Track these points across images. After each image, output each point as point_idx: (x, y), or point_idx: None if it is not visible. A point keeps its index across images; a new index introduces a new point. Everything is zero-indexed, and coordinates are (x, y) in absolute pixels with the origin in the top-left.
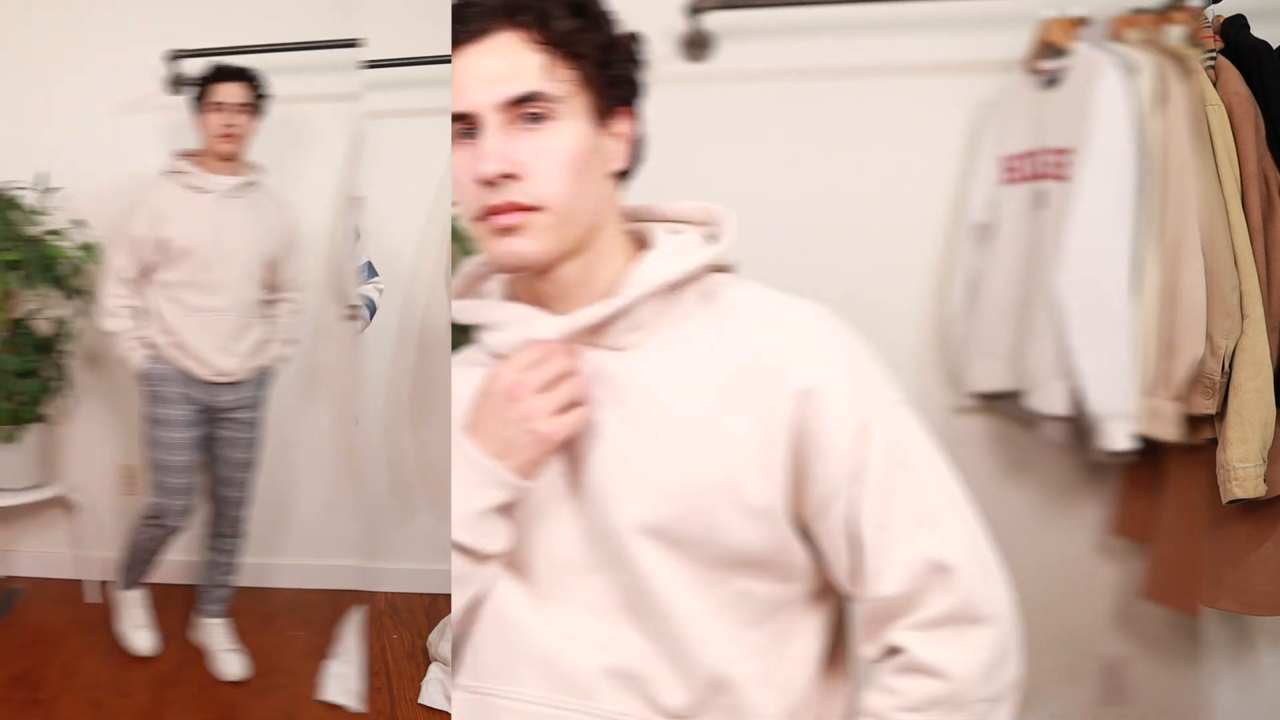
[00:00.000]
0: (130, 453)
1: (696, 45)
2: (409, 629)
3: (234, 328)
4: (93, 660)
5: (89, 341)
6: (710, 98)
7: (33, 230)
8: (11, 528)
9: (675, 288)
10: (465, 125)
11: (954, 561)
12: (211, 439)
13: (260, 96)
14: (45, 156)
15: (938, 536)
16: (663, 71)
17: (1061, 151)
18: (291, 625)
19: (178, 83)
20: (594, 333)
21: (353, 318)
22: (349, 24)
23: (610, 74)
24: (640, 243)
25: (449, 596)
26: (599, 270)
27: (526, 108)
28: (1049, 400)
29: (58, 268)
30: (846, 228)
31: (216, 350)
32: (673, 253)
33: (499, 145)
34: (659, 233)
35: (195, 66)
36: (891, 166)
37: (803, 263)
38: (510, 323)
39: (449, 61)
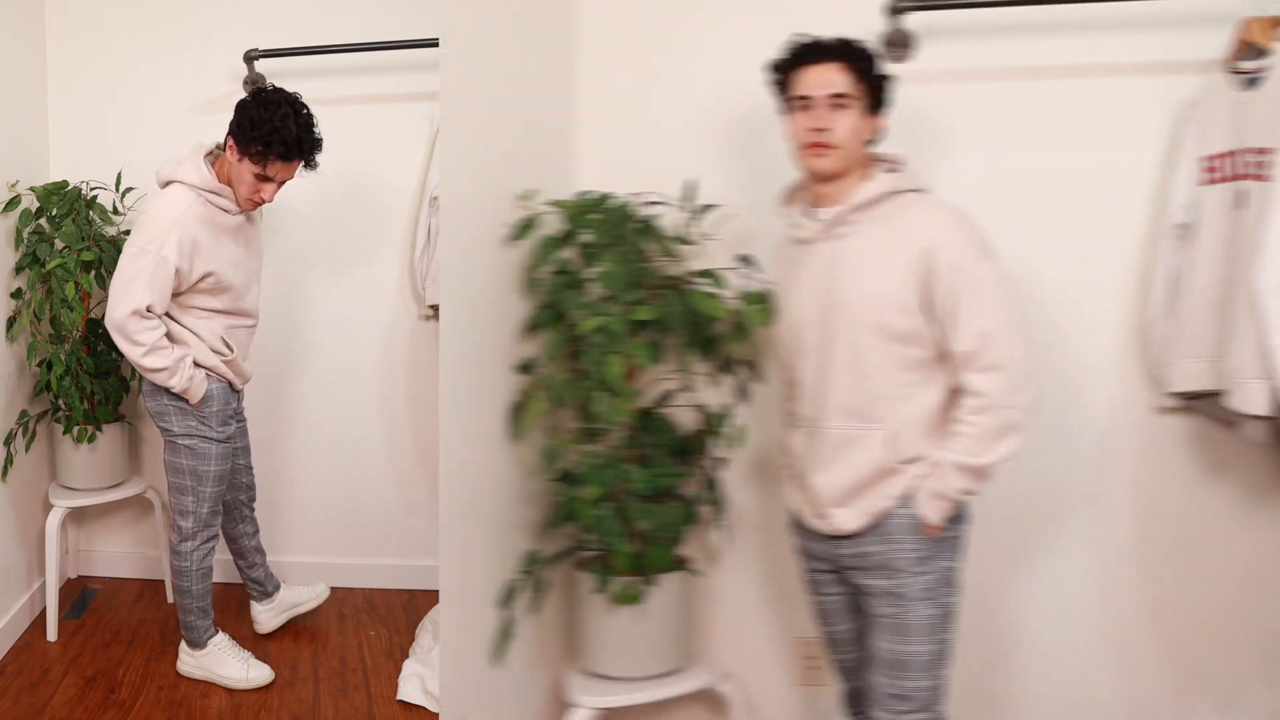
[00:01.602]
0: None
1: (897, 45)
2: (386, 625)
3: (251, 337)
4: (171, 660)
5: None
6: (910, 97)
7: (110, 230)
8: (89, 527)
9: (876, 202)
10: (805, 102)
11: (991, 330)
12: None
13: (309, 166)
14: (124, 156)
15: (987, 319)
16: None
17: (1262, 151)
18: (369, 625)
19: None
20: (825, 228)
21: (431, 318)
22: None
23: (875, 93)
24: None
25: (427, 593)
26: (849, 186)
27: (836, 100)
28: (1250, 400)
29: None
30: (1047, 228)
31: (247, 362)
32: (872, 187)
33: (823, 115)
34: (880, 171)
35: (267, 125)
36: (1092, 167)
37: (1004, 262)
38: (790, 223)
39: (435, 45)
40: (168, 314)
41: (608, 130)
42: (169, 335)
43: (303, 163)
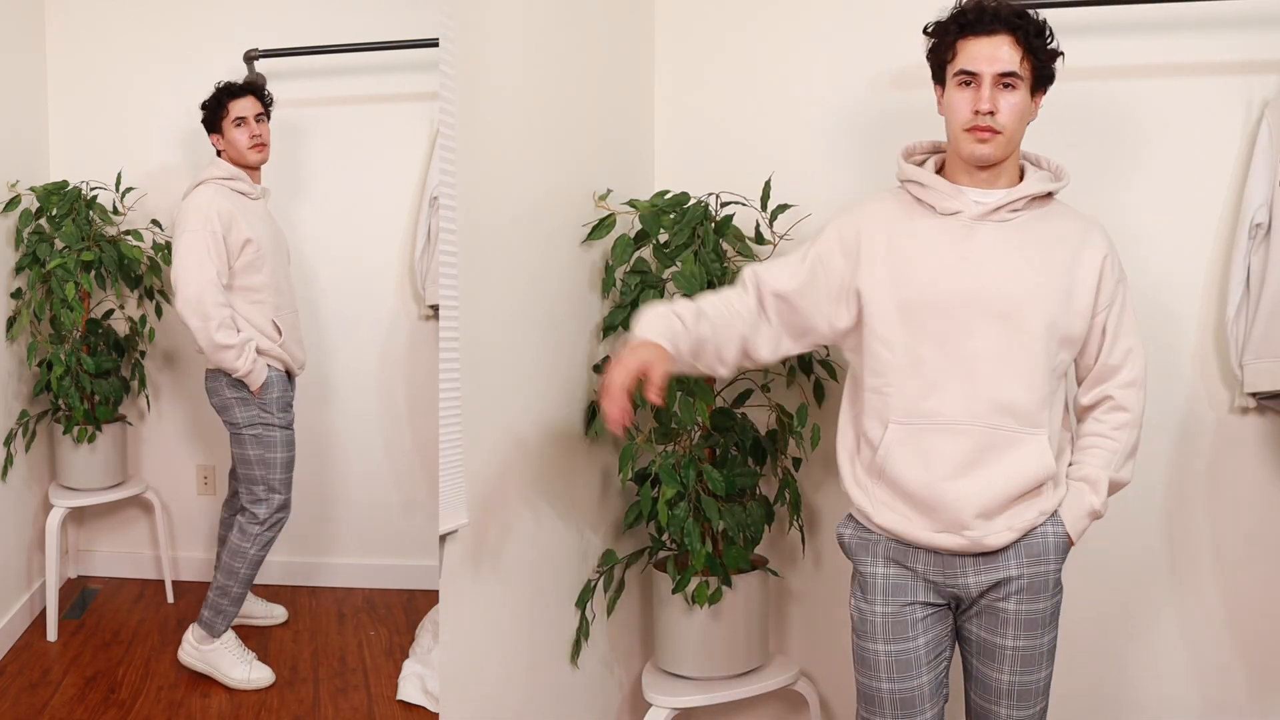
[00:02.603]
0: (207, 453)
1: None
2: (386, 625)
3: (298, 322)
4: (171, 660)
5: (165, 341)
6: None
7: (110, 230)
8: (89, 527)
9: (1042, 199)
10: (968, 78)
11: (1137, 349)
12: None
13: (269, 105)
14: (124, 156)
15: (1133, 337)
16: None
17: None
18: (369, 625)
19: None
20: (993, 210)
21: (431, 318)
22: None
23: (1043, 71)
24: (1021, 169)
25: (427, 593)
26: (1005, 173)
27: (1005, 79)
28: None
29: (135, 268)
30: (1126, 228)
31: (298, 345)
32: (1040, 180)
33: (991, 95)
34: (1029, 168)
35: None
36: (1170, 167)
37: None
38: (938, 190)
39: (435, 45)
40: None
41: (681, 129)
42: None
43: (259, 101)
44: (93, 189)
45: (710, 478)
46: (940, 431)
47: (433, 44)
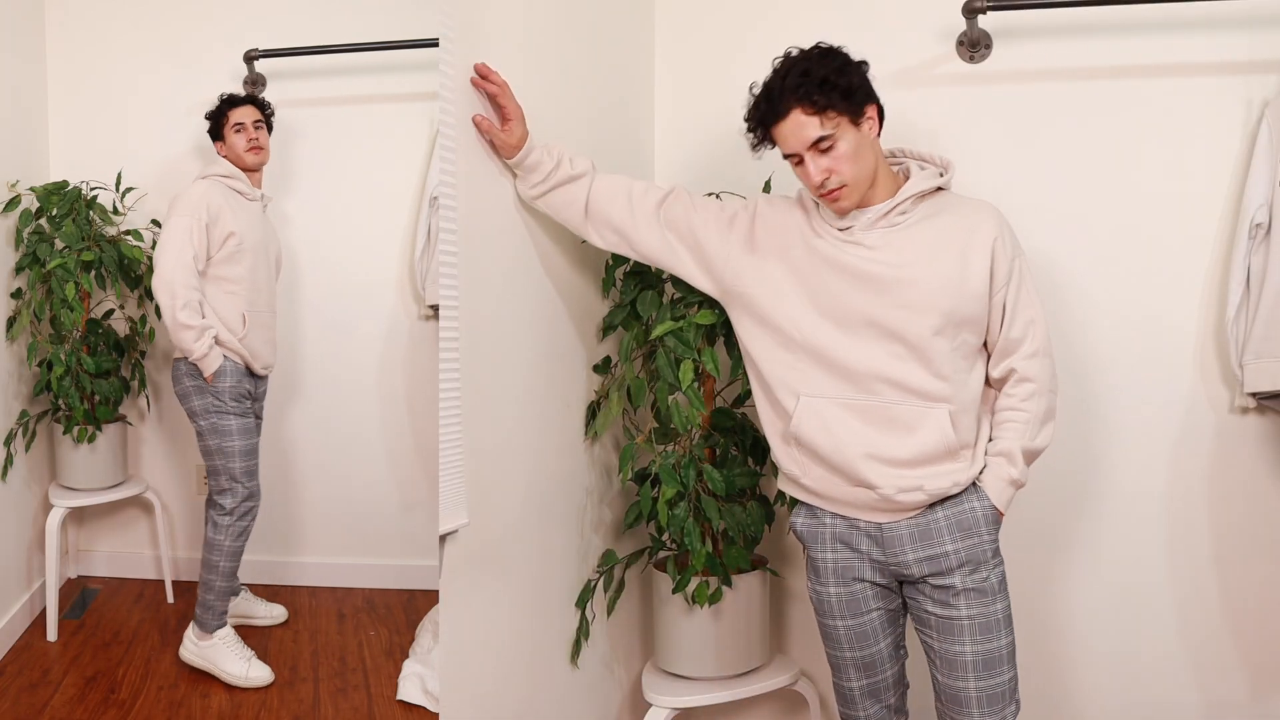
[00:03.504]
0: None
1: (972, 46)
2: (386, 625)
3: (272, 324)
4: (171, 660)
5: (165, 341)
6: (988, 97)
7: (110, 230)
8: (89, 527)
9: (925, 195)
10: (796, 159)
11: (1038, 319)
12: None
13: (269, 114)
14: (124, 156)
15: (1033, 309)
16: (941, 72)
17: None
18: (369, 625)
19: (209, 121)
20: (881, 217)
21: (431, 318)
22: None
23: (853, 99)
24: (903, 172)
25: (427, 593)
26: (880, 190)
27: (821, 143)
28: None
29: (135, 268)
30: (1125, 228)
31: (267, 345)
32: (926, 178)
33: (816, 164)
34: (914, 166)
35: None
36: (1170, 167)
37: (1081, 262)
38: (836, 213)
39: (435, 45)
40: None
41: (681, 129)
42: None
43: (258, 110)
44: (93, 189)
45: (710, 478)
46: (842, 407)
47: (433, 44)
